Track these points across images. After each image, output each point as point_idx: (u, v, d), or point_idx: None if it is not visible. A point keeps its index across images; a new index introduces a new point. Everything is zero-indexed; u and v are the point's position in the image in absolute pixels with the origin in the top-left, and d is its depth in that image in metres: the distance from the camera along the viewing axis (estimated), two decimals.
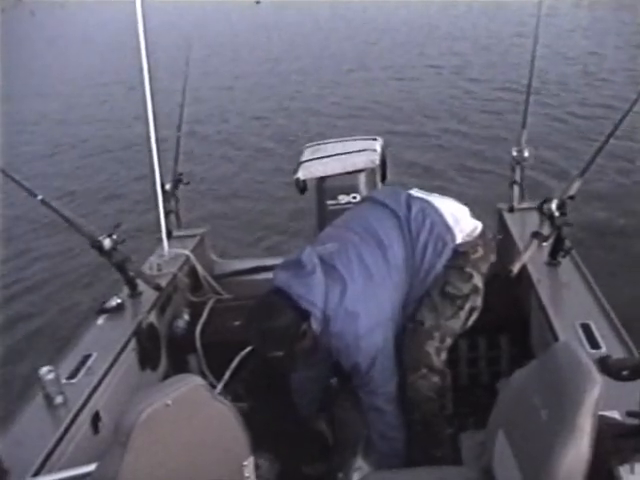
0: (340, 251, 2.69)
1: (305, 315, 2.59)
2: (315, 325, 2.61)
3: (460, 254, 2.76)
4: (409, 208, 2.77)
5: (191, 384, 1.94)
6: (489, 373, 3.53)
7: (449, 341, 2.81)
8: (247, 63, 20.01)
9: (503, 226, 3.87)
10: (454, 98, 13.40)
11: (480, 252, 2.80)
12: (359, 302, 2.62)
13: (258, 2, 44.26)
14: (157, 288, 3.51)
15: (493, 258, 2.88)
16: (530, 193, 4.08)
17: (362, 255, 2.67)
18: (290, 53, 21.01)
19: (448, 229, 2.73)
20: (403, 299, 2.76)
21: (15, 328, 6.30)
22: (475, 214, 2.87)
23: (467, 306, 2.79)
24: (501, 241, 3.90)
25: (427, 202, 2.81)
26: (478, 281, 2.80)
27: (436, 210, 2.77)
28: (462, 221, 2.80)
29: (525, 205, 3.90)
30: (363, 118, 12.24)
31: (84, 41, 32.15)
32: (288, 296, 2.60)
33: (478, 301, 2.81)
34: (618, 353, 2.51)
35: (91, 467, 2.01)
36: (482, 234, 2.84)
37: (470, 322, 2.82)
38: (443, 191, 3.20)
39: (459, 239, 2.75)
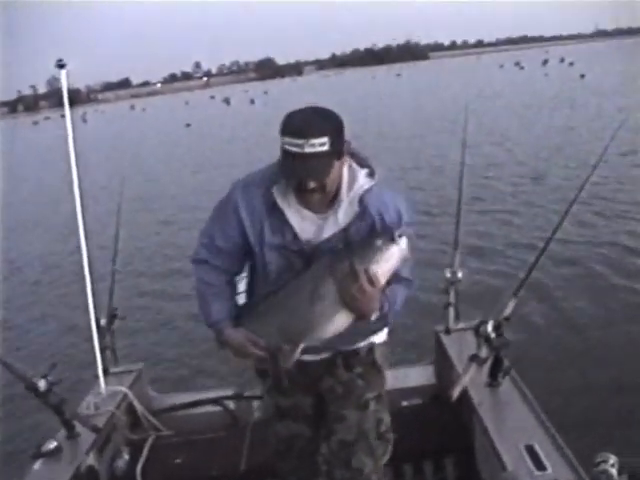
0: None
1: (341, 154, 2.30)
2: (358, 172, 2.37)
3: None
4: None
5: None
6: None
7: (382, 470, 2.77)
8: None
9: (440, 348, 3.91)
10: None
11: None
12: None
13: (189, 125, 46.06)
14: (94, 429, 3.40)
15: None
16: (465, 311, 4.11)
17: None
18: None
19: None
20: None
21: None
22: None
23: (390, 433, 2.76)
24: (439, 363, 3.94)
25: None
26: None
27: None
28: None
29: (461, 326, 3.96)
30: None
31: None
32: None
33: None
34: (564, 473, 2.54)
35: None
36: None
37: None
38: None
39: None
